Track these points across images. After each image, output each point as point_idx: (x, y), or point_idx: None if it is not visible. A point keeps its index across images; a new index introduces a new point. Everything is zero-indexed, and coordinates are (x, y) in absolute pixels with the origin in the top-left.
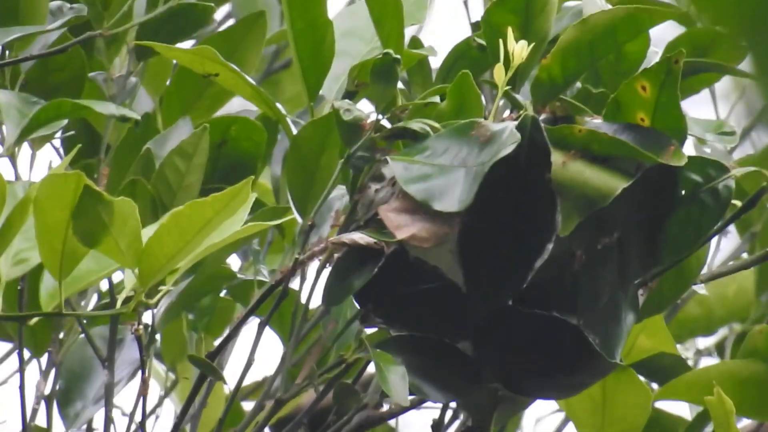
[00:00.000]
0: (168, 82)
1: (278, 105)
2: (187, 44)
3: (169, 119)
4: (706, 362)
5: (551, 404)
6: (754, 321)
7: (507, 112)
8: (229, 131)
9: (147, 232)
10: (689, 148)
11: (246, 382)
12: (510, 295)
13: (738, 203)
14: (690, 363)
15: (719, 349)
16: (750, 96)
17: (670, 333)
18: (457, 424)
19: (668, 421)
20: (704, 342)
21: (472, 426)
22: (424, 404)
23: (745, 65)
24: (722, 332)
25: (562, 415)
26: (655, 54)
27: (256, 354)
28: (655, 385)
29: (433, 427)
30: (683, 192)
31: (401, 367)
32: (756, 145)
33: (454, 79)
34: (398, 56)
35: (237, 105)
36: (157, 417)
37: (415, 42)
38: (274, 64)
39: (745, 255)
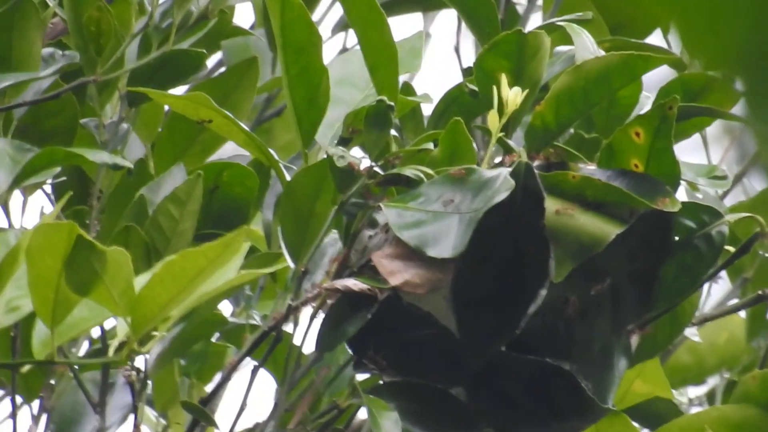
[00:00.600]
0: (160, 128)
1: (271, 151)
2: (180, 90)
3: (161, 165)
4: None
5: None
6: (745, 367)
7: (498, 158)
8: (221, 177)
9: (140, 281)
10: (681, 194)
11: (238, 427)
12: (503, 341)
13: (731, 249)
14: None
15: (710, 398)
16: (742, 141)
17: (666, 378)
18: None
19: None
20: (695, 391)
21: None
22: None
23: (737, 109)
24: (712, 382)
25: None
26: (647, 99)
27: (248, 399)
28: None
29: None
30: (677, 238)
31: (394, 413)
32: (748, 191)
33: (445, 124)
34: (392, 103)
35: (230, 150)
36: None
37: (408, 88)
38: (265, 112)
39: (736, 301)
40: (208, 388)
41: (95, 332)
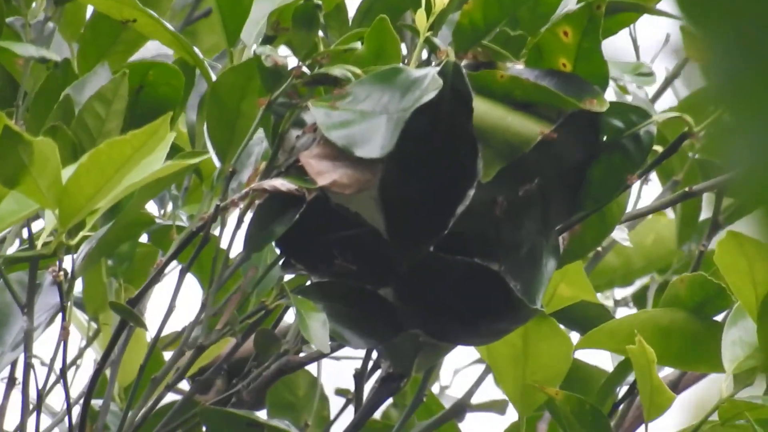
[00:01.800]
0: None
1: (196, 50)
2: None
3: (85, 65)
4: (624, 312)
5: (470, 355)
6: (675, 271)
7: (424, 55)
8: (146, 76)
9: (67, 173)
10: (610, 95)
11: (166, 330)
12: (431, 242)
13: (659, 149)
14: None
15: (637, 299)
16: (673, 45)
17: (589, 281)
18: (378, 372)
19: (588, 372)
20: (622, 292)
21: (394, 373)
22: (343, 350)
23: (664, 5)
24: (639, 283)
25: (481, 367)
26: None
27: (176, 301)
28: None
29: (355, 376)
30: (605, 138)
31: (322, 314)
32: (678, 95)
33: (370, 23)
34: (320, 2)
35: (152, 49)
36: (77, 367)
37: None
38: (193, 14)
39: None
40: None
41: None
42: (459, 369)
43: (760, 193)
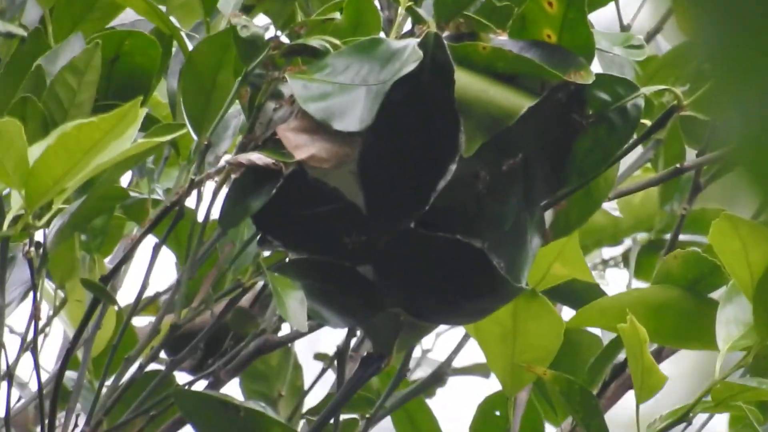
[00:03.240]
0: None
1: (173, 19)
2: None
3: (60, 32)
4: (612, 273)
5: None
6: (659, 232)
7: (407, 27)
8: (122, 46)
9: (34, 152)
10: (597, 67)
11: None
12: (412, 218)
13: (647, 123)
14: (595, 274)
15: (626, 259)
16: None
17: (585, 261)
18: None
19: (583, 340)
20: (610, 252)
21: (374, 352)
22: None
23: None
24: (627, 242)
25: (463, 330)
26: None
27: (150, 276)
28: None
29: (337, 353)
30: (591, 111)
31: (300, 292)
32: (661, 48)
33: None
34: None
35: (131, 15)
36: (45, 335)
37: None
38: None
39: (648, 165)
40: (109, 260)
41: None
42: (441, 332)
43: (747, 153)
